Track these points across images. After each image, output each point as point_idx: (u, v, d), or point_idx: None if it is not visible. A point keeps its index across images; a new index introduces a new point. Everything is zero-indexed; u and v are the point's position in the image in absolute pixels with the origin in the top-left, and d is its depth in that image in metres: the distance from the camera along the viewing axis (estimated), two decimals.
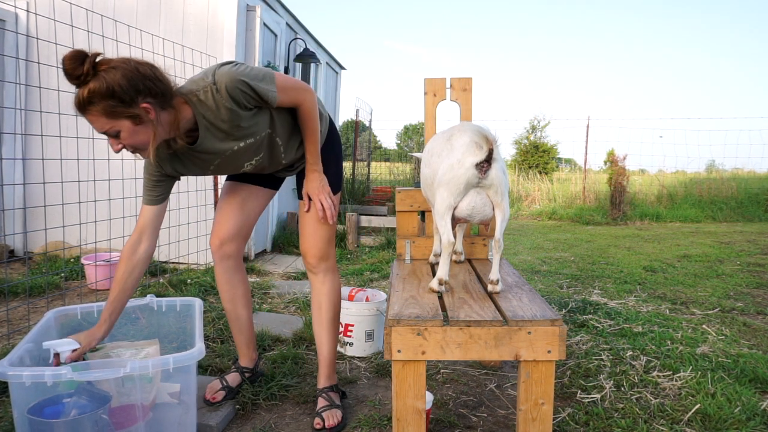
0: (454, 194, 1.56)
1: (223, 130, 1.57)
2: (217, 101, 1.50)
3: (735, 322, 2.92)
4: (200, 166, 1.68)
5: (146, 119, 1.41)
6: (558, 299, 3.30)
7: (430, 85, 2.28)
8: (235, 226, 1.90)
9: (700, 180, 10.01)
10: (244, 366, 2.02)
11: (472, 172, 1.53)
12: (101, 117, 1.38)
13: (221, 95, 1.49)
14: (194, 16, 4.17)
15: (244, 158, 1.69)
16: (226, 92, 1.49)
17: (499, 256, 1.64)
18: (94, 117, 1.38)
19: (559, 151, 16.93)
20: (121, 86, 1.35)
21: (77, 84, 1.35)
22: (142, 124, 1.41)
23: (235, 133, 1.59)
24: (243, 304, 1.98)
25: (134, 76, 1.38)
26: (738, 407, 1.87)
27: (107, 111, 1.37)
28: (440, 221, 1.60)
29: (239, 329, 2.00)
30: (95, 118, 1.39)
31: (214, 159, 1.65)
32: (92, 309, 1.90)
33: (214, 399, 1.88)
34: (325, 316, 1.90)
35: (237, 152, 1.65)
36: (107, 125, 1.39)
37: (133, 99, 1.38)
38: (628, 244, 5.76)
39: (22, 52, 4.13)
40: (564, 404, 1.94)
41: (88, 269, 3.49)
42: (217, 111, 1.52)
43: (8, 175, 4.16)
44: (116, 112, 1.37)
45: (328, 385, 1.89)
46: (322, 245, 1.84)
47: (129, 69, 1.38)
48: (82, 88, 1.35)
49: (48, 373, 1.35)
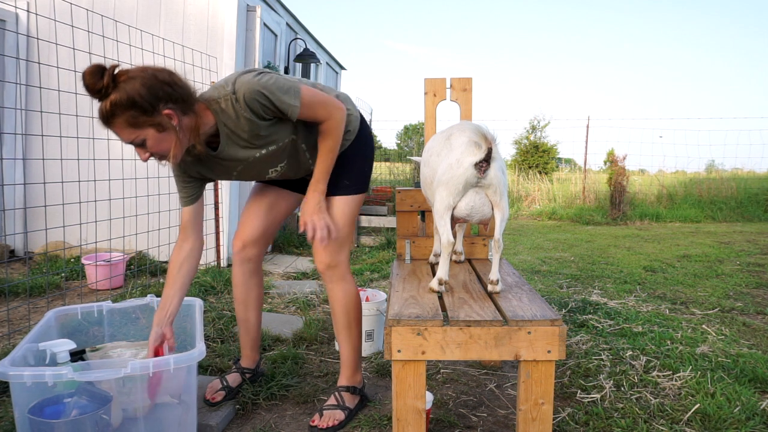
0: (453, 194, 1.56)
1: (243, 139, 1.58)
2: (237, 110, 1.51)
3: (735, 322, 2.92)
4: (223, 171, 1.71)
5: (169, 126, 1.43)
6: (558, 299, 3.31)
7: (430, 85, 2.28)
8: (259, 229, 1.90)
9: (699, 180, 10.01)
10: (245, 367, 2.02)
11: (471, 171, 1.53)
12: (126, 128, 1.40)
13: (240, 105, 1.50)
14: (194, 16, 4.18)
15: (267, 165, 1.70)
16: (244, 102, 1.49)
17: (499, 256, 1.64)
18: (119, 128, 1.40)
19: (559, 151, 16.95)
20: (141, 95, 1.36)
21: (99, 98, 1.37)
22: (166, 131, 1.43)
23: (256, 141, 1.60)
24: (255, 306, 1.98)
25: (153, 84, 1.39)
26: (738, 407, 1.88)
27: (130, 121, 1.38)
28: (439, 221, 1.60)
29: (246, 330, 2.00)
30: (120, 130, 1.41)
31: (236, 166, 1.67)
32: (92, 309, 1.90)
33: (213, 399, 1.88)
34: (339, 322, 1.86)
35: (259, 159, 1.65)
36: (132, 135, 1.41)
37: (155, 106, 1.39)
38: (628, 244, 5.76)
39: (22, 52, 4.13)
40: (564, 404, 1.94)
41: (89, 269, 3.49)
42: (237, 120, 1.53)
43: (8, 175, 4.16)
44: (139, 121, 1.39)
45: (344, 385, 1.88)
46: (328, 253, 1.78)
47: (147, 77, 1.39)
48: (105, 102, 1.36)
49: (49, 373, 1.35)
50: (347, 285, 1.84)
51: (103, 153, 3.76)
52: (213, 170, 1.69)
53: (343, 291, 1.83)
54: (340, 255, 1.80)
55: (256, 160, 1.65)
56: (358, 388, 1.89)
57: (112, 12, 4.12)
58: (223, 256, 4.07)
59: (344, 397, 1.85)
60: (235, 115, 1.52)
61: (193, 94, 1.50)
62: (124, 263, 3.61)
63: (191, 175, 1.71)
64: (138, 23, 4.10)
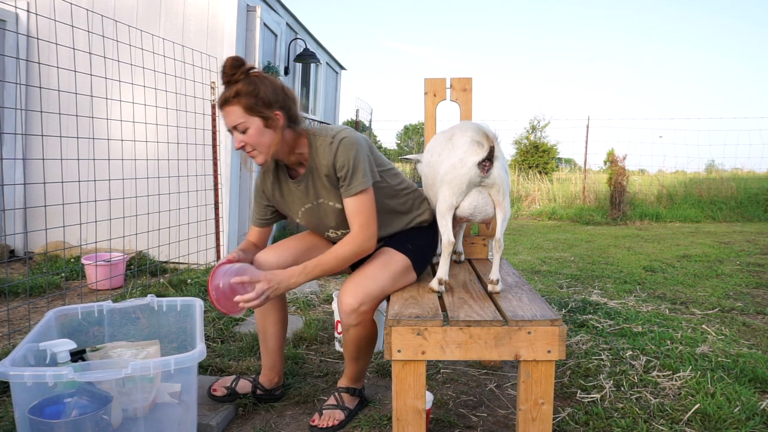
0: (456, 194, 1.56)
1: (320, 178, 1.70)
2: (328, 152, 1.65)
3: (734, 322, 2.92)
4: (293, 203, 1.80)
5: (275, 125, 1.61)
6: (558, 299, 3.31)
7: (430, 85, 2.28)
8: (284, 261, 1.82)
9: (699, 180, 10.02)
10: (261, 383, 1.95)
11: (475, 170, 1.52)
12: (240, 111, 1.57)
13: (332, 148, 1.64)
14: (194, 16, 4.18)
15: (327, 219, 1.78)
16: (336, 146, 1.64)
17: (500, 256, 1.64)
18: (233, 109, 1.57)
19: (559, 151, 16.96)
20: (265, 91, 1.58)
21: (227, 81, 1.58)
22: (271, 128, 1.61)
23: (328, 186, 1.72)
24: (272, 321, 1.90)
25: (278, 90, 1.62)
26: (737, 407, 1.88)
27: (247, 106, 1.57)
28: (441, 221, 1.60)
29: (265, 346, 1.93)
30: (234, 110, 1.57)
31: (305, 202, 1.77)
32: (92, 309, 1.90)
33: (214, 391, 1.89)
34: (348, 353, 1.77)
35: (321, 205, 1.75)
36: (241, 119, 1.58)
37: (271, 105, 1.59)
38: (627, 244, 5.76)
39: (22, 52, 4.13)
40: (564, 404, 1.94)
41: (89, 269, 3.49)
42: (322, 160, 1.67)
43: (8, 175, 4.16)
44: (254, 109, 1.57)
45: (344, 386, 1.86)
46: (356, 297, 1.60)
47: (275, 83, 1.63)
48: (233, 85, 1.57)
49: (49, 374, 1.35)
50: (367, 330, 1.69)
51: (103, 153, 3.76)
52: (285, 199, 1.81)
53: (360, 335, 1.70)
54: (367, 304, 1.63)
55: (322, 204, 1.75)
56: (357, 389, 1.89)
57: (112, 12, 4.12)
58: (223, 256, 4.07)
59: (344, 398, 1.84)
60: (325, 155, 1.66)
61: (302, 119, 1.70)
62: (124, 263, 3.61)
63: (268, 198, 1.85)
64: (138, 23, 4.10)
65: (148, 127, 3.94)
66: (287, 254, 1.84)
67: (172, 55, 3.89)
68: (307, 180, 1.72)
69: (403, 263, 1.73)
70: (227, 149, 4.18)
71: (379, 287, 1.64)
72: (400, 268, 1.72)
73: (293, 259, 1.81)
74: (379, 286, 1.64)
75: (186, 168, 4.00)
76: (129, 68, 3.72)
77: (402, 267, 1.73)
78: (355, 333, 1.68)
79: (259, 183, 1.84)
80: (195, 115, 4.01)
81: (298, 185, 1.74)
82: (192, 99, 4.00)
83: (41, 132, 3.53)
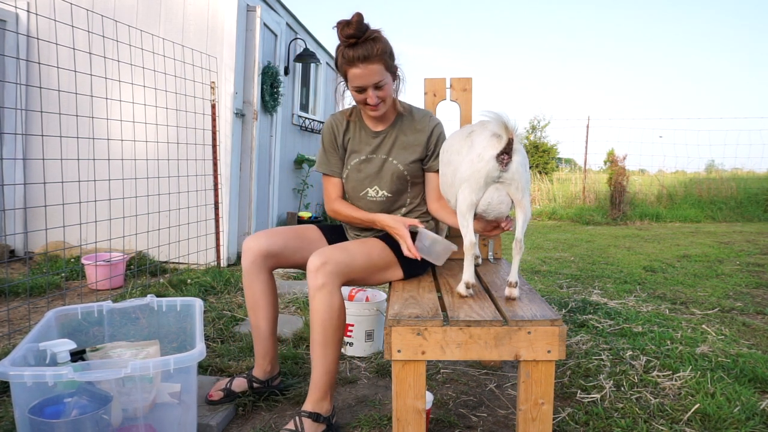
0: (475, 190, 1.50)
1: (404, 136, 1.89)
2: (426, 123, 1.89)
3: (734, 322, 2.92)
4: (358, 152, 1.91)
5: (397, 78, 1.82)
6: (558, 299, 3.31)
7: (430, 85, 2.28)
8: (277, 247, 1.84)
9: (699, 180, 10.02)
10: (255, 376, 1.94)
11: (493, 164, 1.46)
12: (381, 68, 1.70)
13: (431, 122, 1.90)
14: (194, 16, 4.18)
15: (382, 176, 1.89)
16: (433, 124, 1.90)
17: (519, 258, 1.54)
18: (375, 67, 1.68)
19: (559, 151, 16.97)
20: (392, 50, 1.75)
21: (356, 38, 1.66)
22: (394, 81, 1.81)
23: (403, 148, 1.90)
24: (263, 316, 1.89)
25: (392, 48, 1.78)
26: (737, 407, 1.88)
27: (387, 65, 1.72)
28: (462, 221, 1.54)
29: (257, 337, 1.91)
30: (375, 67, 1.68)
31: (371, 152, 1.90)
32: (92, 309, 1.90)
33: (211, 396, 1.88)
34: (314, 338, 1.65)
35: (383, 161, 1.89)
36: (381, 76, 1.71)
37: (394, 61, 1.77)
38: (628, 244, 5.76)
39: (22, 52, 4.13)
40: (564, 404, 1.94)
41: (89, 269, 3.49)
42: (408, 125, 1.89)
43: (8, 175, 4.16)
44: (390, 66, 1.74)
45: (307, 411, 1.63)
46: (322, 255, 1.61)
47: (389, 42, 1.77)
48: (366, 44, 1.66)
49: (49, 374, 1.35)
50: (332, 298, 1.60)
51: (103, 153, 3.76)
52: (354, 146, 1.93)
53: (325, 304, 1.60)
54: (333, 265, 1.60)
55: (383, 161, 1.89)
56: (323, 416, 1.64)
57: (112, 12, 4.12)
58: (223, 256, 4.07)
59: (304, 425, 1.61)
60: (423, 122, 1.90)
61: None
62: (124, 263, 3.61)
63: (338, 146, 1.95)
64: (138, 23, 4.10)
65: (148, 127, 3.94)
66: (276, 238, 1.87)
67: (172, 55, 3.89)
68: (386, 134, 1.89)
69: (379, 245, 1.79)
70: (227, 149, 4.18)
71: (349, 255, 1.67)
72: (376, 250, 1.77)
73: (283, 243, 1.87)
74: (349, 255, 1.68)
75: (186, 168, 4.00)
76: (129, 68, 3.72)
77: (378, 249, 1.78)
78: (321, 301, 1.58)
79: (328, 137, 1.95)
80: (195, 115, 4.01)
81: (375, 136, 1.90)
82: (192, 99, 4.00)
83: (41, 132, 3.53)
